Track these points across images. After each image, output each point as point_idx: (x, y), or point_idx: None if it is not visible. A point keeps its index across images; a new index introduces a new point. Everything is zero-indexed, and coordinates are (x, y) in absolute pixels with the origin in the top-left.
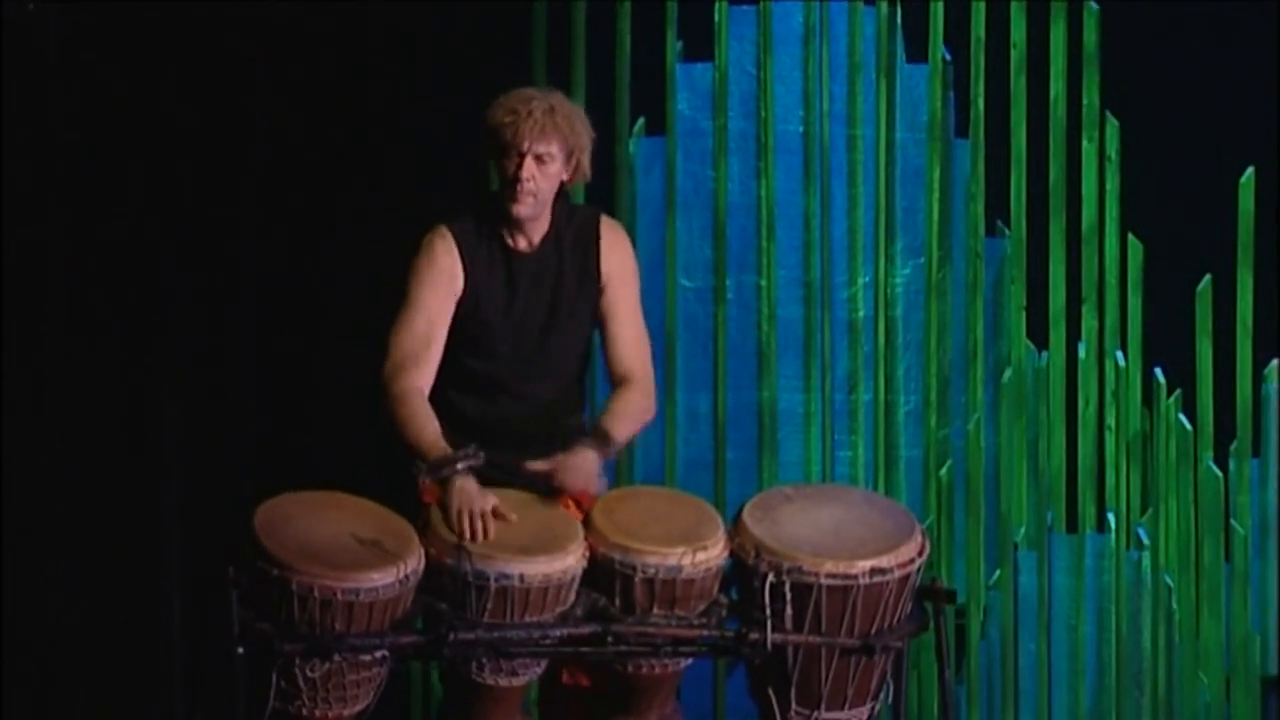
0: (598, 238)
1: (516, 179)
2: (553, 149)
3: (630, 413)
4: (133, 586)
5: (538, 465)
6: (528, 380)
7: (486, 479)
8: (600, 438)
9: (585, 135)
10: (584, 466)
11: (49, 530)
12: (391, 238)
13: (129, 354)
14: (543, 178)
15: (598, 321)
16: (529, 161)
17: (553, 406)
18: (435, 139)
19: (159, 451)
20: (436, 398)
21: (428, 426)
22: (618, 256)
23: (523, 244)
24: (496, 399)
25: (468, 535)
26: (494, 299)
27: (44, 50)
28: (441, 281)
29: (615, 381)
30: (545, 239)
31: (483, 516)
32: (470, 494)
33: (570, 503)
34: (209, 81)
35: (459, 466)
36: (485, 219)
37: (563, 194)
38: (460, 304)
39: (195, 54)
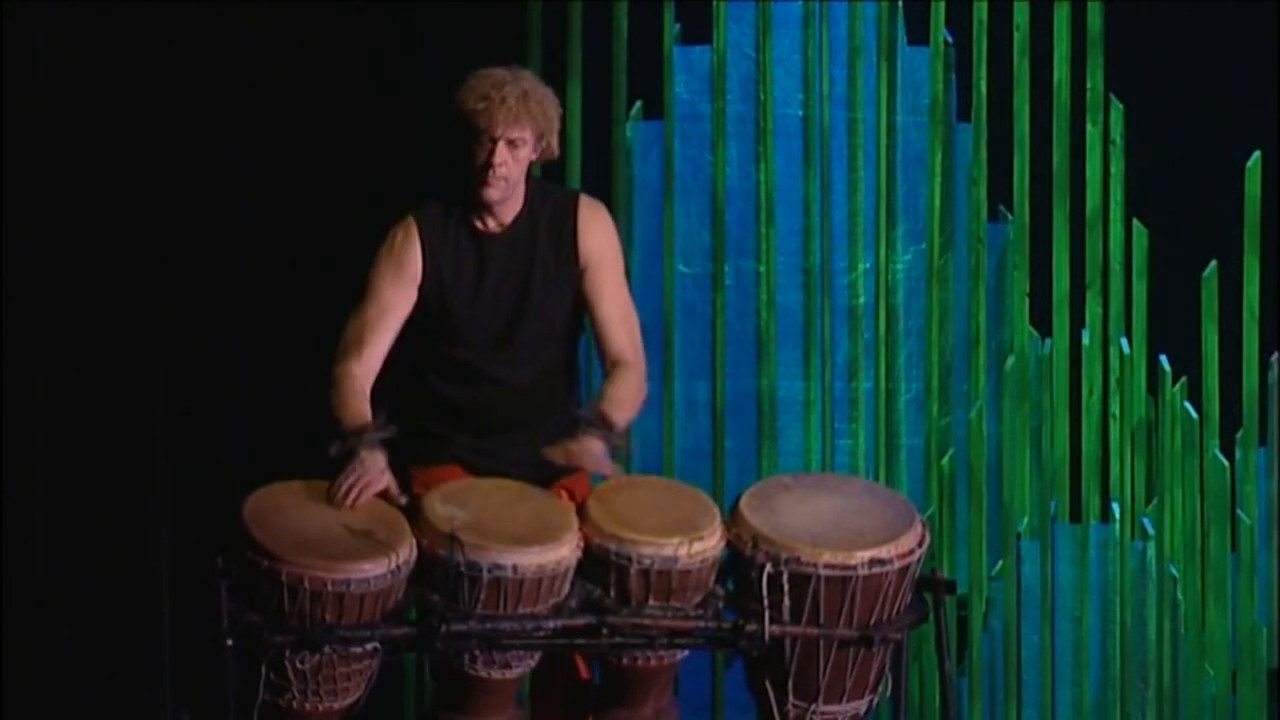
0: (575, 218)
1: (489, 165)
2: (525, 134)
3: (626, 397)
4: (122, 577)
5: (553, 453)
6: (504, 364)
7: (478, 469)
8: (603, 424)
9: (556, 117)
10: (593, 450)
11: (37, 522)
12: (383, 231)
13: (117, 344)
14: (514, 162)
15: (583, 304)
16: (501, 147)
17: (535, 391)
18: (431, 124)
19: (148, 441)
20: (418, 382)
21: (351, 409)
22: (596, 236)
23: (493, 225)
24: (475, 384)
25: (336, 502)
26: (463, 283)
27: (33, 47)
28: (397, 270)
29: (608, 365)
30: (517, 219)
31: (363, 490)
32: (368, 466)
33: (563, 491)
34: (201, 80)
35: (366, 437)
36: (454, 204)
37: (532, 173)
38: (425, 291)
39: (189, 50)
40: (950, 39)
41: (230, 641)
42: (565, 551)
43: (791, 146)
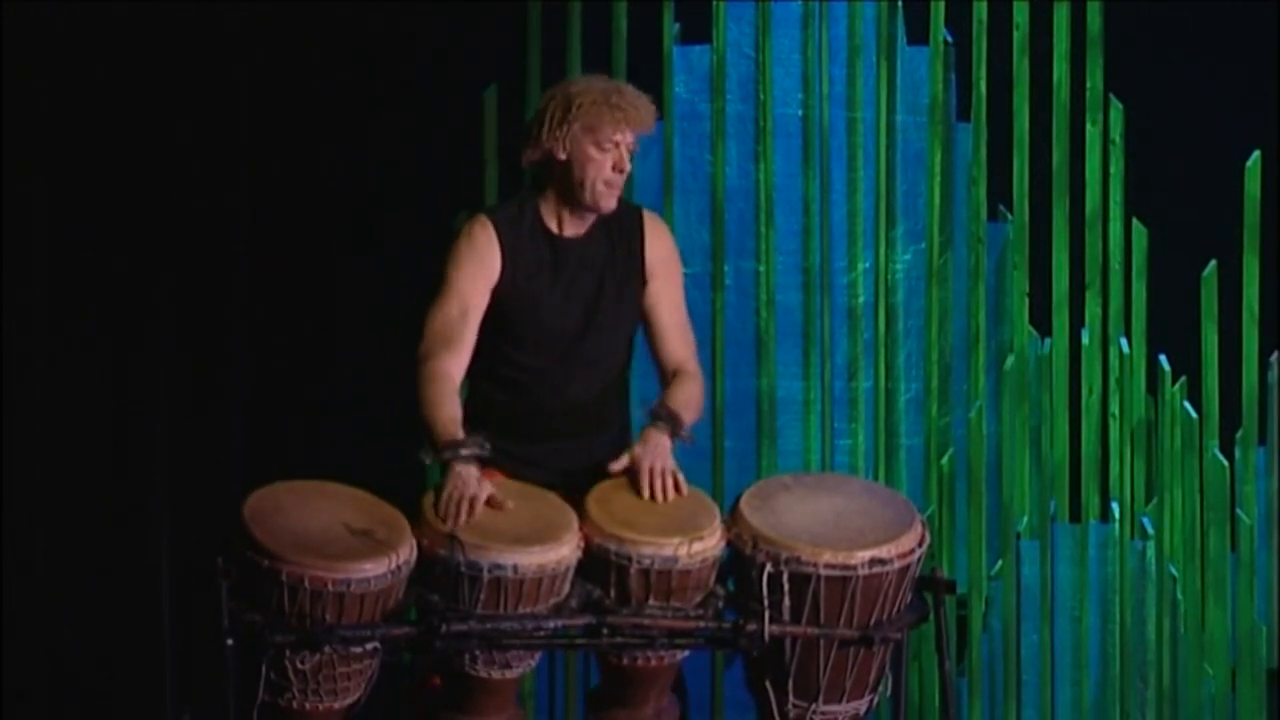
0: (641, 230)
1: (620, 170)
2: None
3: (694, 403)
4: (122, 577)
5: (617, 465)
6: (567, 372)
7: (521, 477)
8: (672, 421)
9: None
10: (662, 445)
11: (37, 521)
12: (384, 230)
13: (117, 344)
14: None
15: (642, 316)
16: (625, 152)
17: (591, 403)
18: (430, 123)
19: (148, 441)
20: (471, 389)
21: (446, 410)
22: (661, 248)
23: (569, 231)
24: (533, 391)
25: (450, 520)
26: (537, 286)
27: (33, 47)
28: (478, 267)
29: (669, 373)
30: (593, 227)
31: (471, 502)
32: (466, 479)
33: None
34: (202, 79)
35: (462, 453)
36: (526, 206)
37: None
38: (500, 292)
39: (189, 50)
40: (950, 39)
41: (230, 641)
42: (565, 551)
43: (791, 146)
